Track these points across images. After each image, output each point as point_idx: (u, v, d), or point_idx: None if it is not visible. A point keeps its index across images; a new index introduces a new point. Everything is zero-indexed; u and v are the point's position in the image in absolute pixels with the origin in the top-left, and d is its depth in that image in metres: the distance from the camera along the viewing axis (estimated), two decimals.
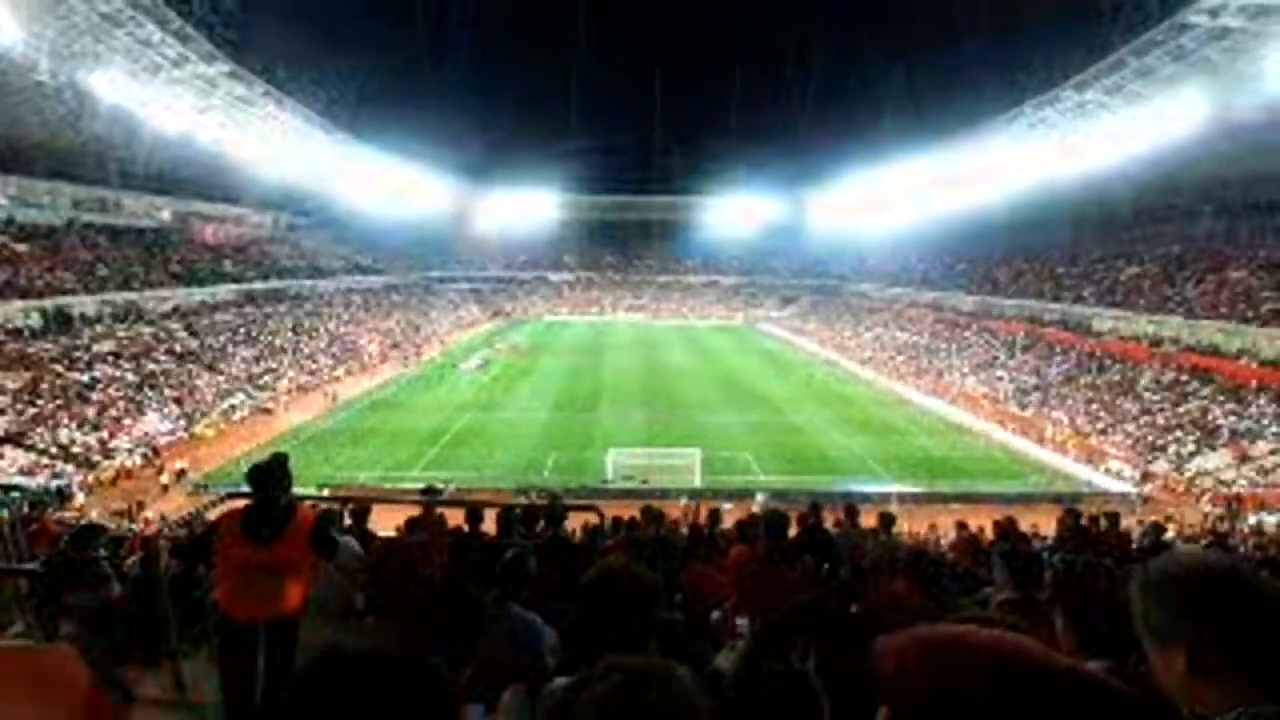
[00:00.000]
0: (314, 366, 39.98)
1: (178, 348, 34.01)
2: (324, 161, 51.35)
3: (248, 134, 41.33)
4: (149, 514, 17.63)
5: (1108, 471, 24.68)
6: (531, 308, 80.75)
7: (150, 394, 28.22)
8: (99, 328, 32.13)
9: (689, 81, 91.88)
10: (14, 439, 21.65)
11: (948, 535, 12.82)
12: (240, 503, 3.24)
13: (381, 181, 61.37)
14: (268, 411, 31.78)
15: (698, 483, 22.68)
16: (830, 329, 62.65)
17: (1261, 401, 25.85)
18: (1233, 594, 0.86)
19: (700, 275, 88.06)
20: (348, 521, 5.82)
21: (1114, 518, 6.92)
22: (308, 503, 4.94)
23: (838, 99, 76.93)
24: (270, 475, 3.10)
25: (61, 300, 31.60)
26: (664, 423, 30.92)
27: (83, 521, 11.88)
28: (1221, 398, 27.25)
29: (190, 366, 32.60)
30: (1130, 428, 27.59)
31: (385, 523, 6.49)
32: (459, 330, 63.90)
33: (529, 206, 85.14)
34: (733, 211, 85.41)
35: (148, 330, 34.34)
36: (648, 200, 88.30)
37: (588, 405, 34.47)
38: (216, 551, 3.08)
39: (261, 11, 40.42)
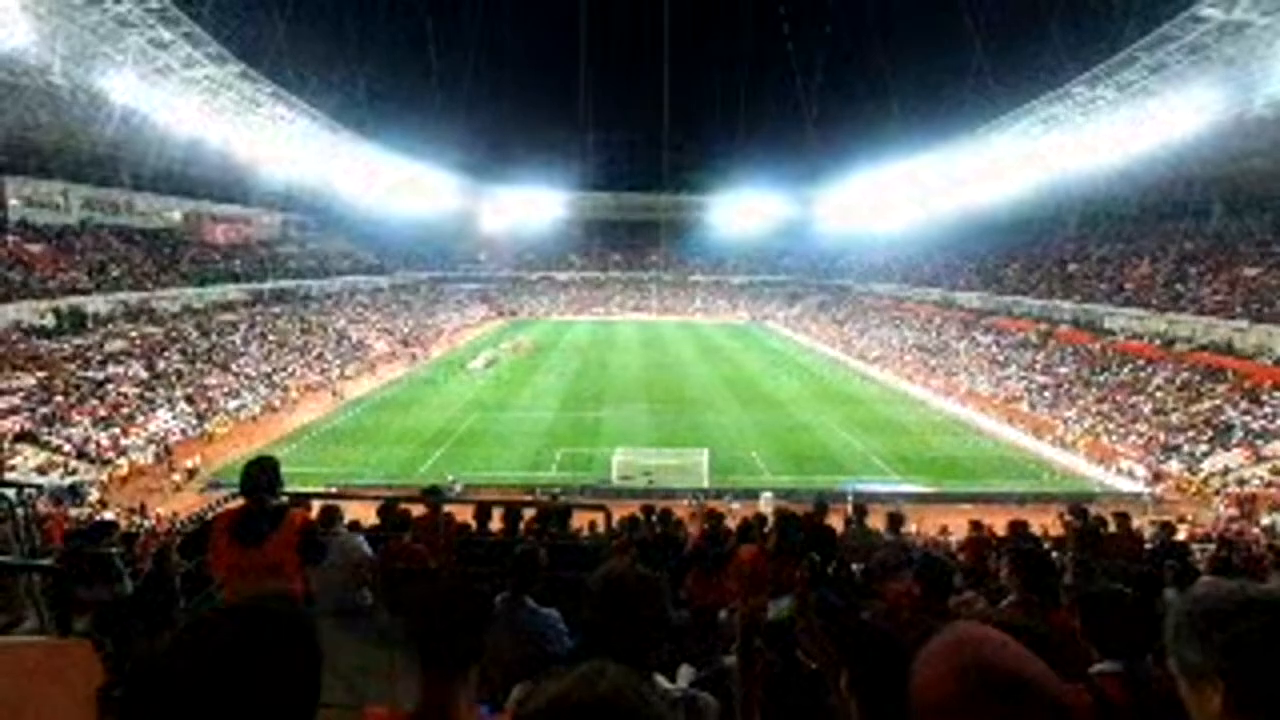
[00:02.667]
0: (323, 365, 40.25)
1: (188, 347, 34.33)
2: (332, 161, 51.64)
3: (257, 135, 41.61)
4: (160, 511, 17.81)
5: (1119, 471, 24.47)
6: (538, 307, 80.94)
7: (161, 392, 28.51)
8: (111, 327, 32.48)
9: (696, 80, 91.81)
10: (28, 437, 21.93)
11: (958, 535, 12.77)
12: (235, 503, 3.26)
13: (389, 181, 61.67)
14: (277, 410, 32.03)
15: (705, 482, 22.67)
16: (838, 328, 62.43)
17: (1276, 400, 25.54)
18: (1272, 629, 0.83)
19: (707, 274, 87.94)
20: (370, 520, 5.86)
21: (1124, 518, 6.84)
22: (313, 503, 4.97)
23: (846, 96, 76.58)
24: (257, 478, 3.11)
25: (74, 300, 31.96)
26: (670, 422, 30.91)
27: (96, 518, 12.01)
28: (1235, 397, 26.96)
29: (201, 365, 32.89)
30: (1142, 427, 27.33)
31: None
32: (466, 329, 64.16)
33: (535, 205, 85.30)
34: (740, 210, 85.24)
35: (159, 329, 34.69)
36: (654, 199, 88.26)
37: (594, 404, 34.51)
38: (209, 553, 3.11)
39: (270, 13, 40.68)
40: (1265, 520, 18.22)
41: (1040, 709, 0.76)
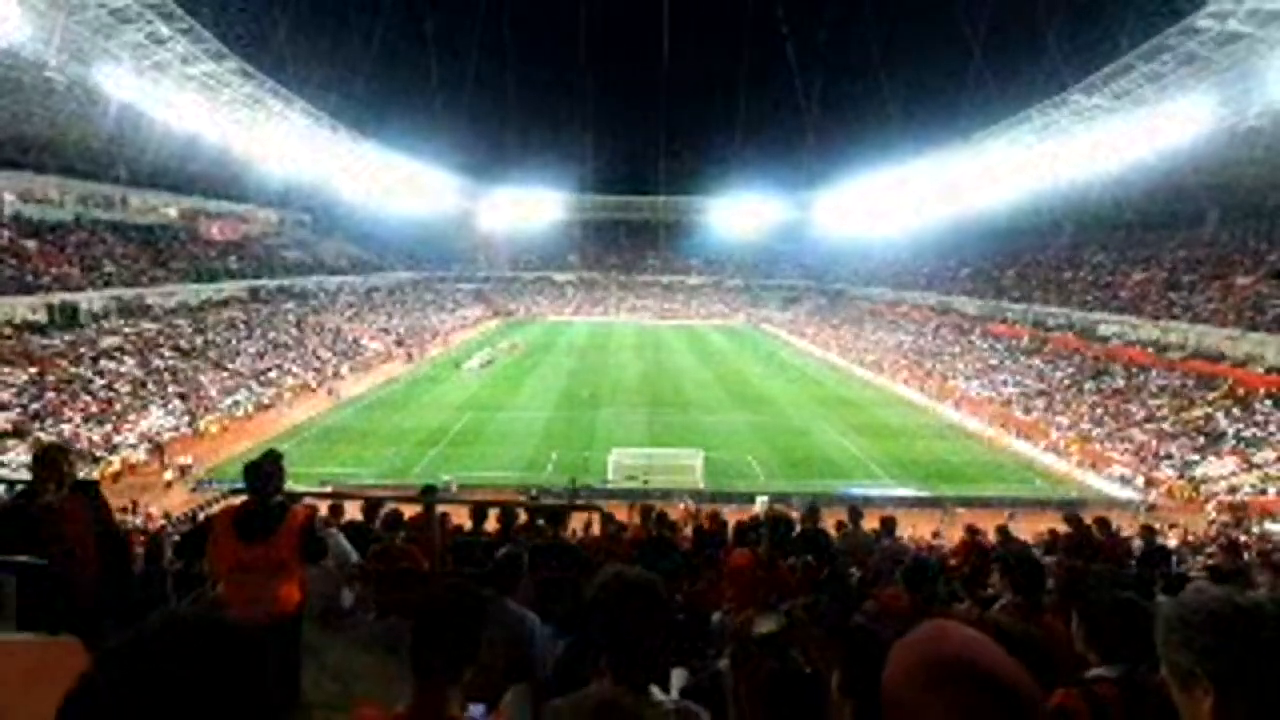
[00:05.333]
0: (318, 364, 40.10)
1: (183, 344, 34.15)
2: (330, 159, 51.51)
3: (255, 132, 41.46)
4: (153, 509, 17.70)
5: (1111, 477, 24.58)
6: (535, 307, 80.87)
7: (155, 390, 28.34)
8: (105, 323, 32.29)
9: (695, 83, 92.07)
10: (19, 433, 21.77)
11: (950, 539, 12.80)
12: (235, 501, 3.24)
13: (387, 179, 61.54)
14: (272, 408, 31.88)
15: (700, 484, 22.67)
16: (834, 331, 62.56)
17: (1267, 408, 25.71)
18: (1261, 633, 0.83)
19: (704, 276, 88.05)
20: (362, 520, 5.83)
21: (1104, 523, 6.86)
22: (305, 502, 4.94)
23: (844, 101, 77.05)
24: (262, 474, 3.09)
25: (67, 296, 31.76)
26: (666, 424, 30.91)
27: None
28: (1227, 404, 27.13)
29: (195, 363, 32.73)
30: (1135, 433, 27.48)
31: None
32: (462, 329, 64.03)
33: (534, 206, 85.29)
34: (737, 213, 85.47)
35: (153, 326, 34.50)
36: (652, 201, 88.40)
37: (591, 405, 34.48)
38: (210, 550, 3.08)
39: (270, 9, 40.61)
40: (1257, 528, 18.32)
41: (1001, 698, 0.77)
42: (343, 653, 3.26)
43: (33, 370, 25.44)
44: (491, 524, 6.40)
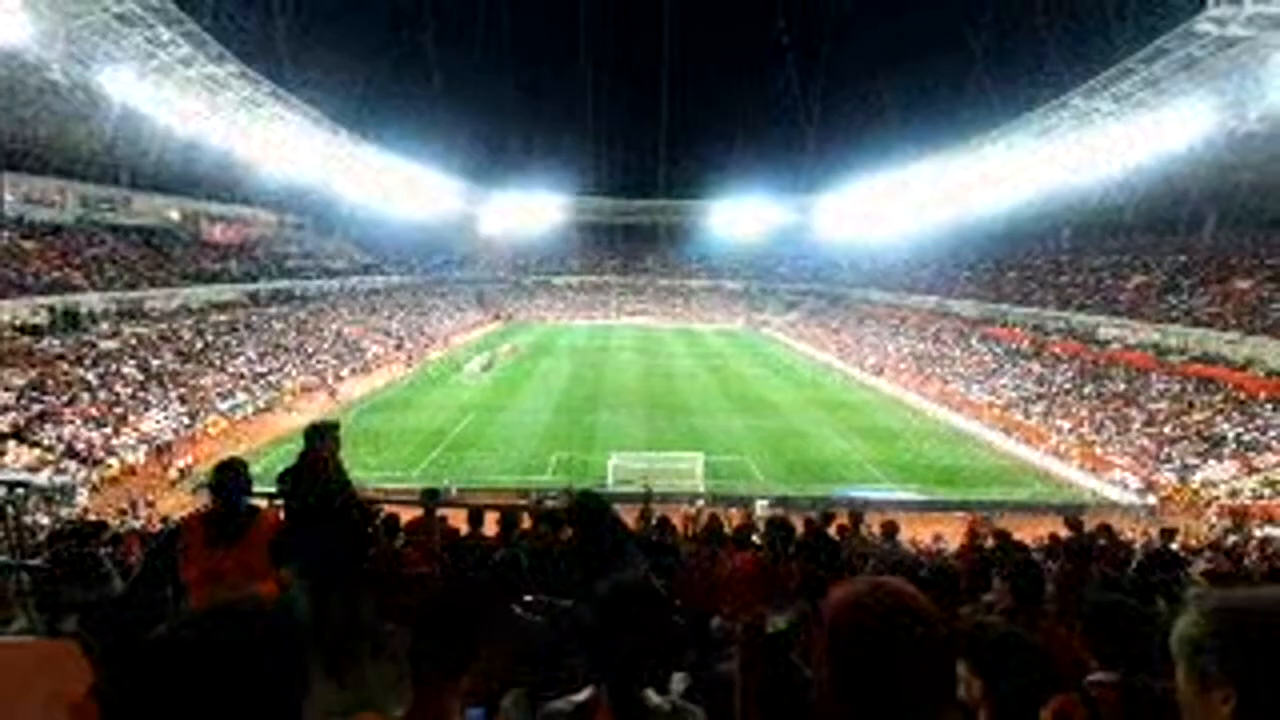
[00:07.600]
0: (318, 366, 40.10)
1: (183, 346, 34.17)
2: (330, 162, 51.60)
3: (256, 134, 41.55)
4: (150, 511, 17.68)
5: (1111, 481, 24.55)
6: (535, 310, 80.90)
7: (155, 392, 28.34)
8: (105, 325, 32.30)
9: (695, 86, 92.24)
10: (19, 435, 21.76)
11: (950, 543, 12.81)
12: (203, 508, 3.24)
13: (388, 182, 61.66)
14: (273, 411, 31.87)
15: (700, 487, 22.65)
16: (834, 334, 62.56)
17: (1267, 412, 25.69)
18: None
19: (704, 279, 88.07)
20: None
21: (1106, 527, 6.86)
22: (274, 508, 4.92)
23: (844, 104, 77.08)
24: (228, 480, 3.09)
25: (69, 298, 31.78)
26: (666, 426, 30.89)
27: (87, 519, 11.92)
28: (1227, 408, 27.10)
29: (195, 365, 32.73)
30: (1135, 437, 27.45)
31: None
32: (462, 332, 64.05)
33: (534, 209, 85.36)
34: (738, 216, 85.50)
35: (154, 329, 34.51)
36: (652, 204, 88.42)
37: (590, 408, 34.47)
38: (182, 556, 3.07)
39: (271, 13, 40.77)
40: (1259, 533, 18.28)
41: (928, 634, 0.89)
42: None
43: (33, 373, 25.45)
44: (489, 528, 6.39)
